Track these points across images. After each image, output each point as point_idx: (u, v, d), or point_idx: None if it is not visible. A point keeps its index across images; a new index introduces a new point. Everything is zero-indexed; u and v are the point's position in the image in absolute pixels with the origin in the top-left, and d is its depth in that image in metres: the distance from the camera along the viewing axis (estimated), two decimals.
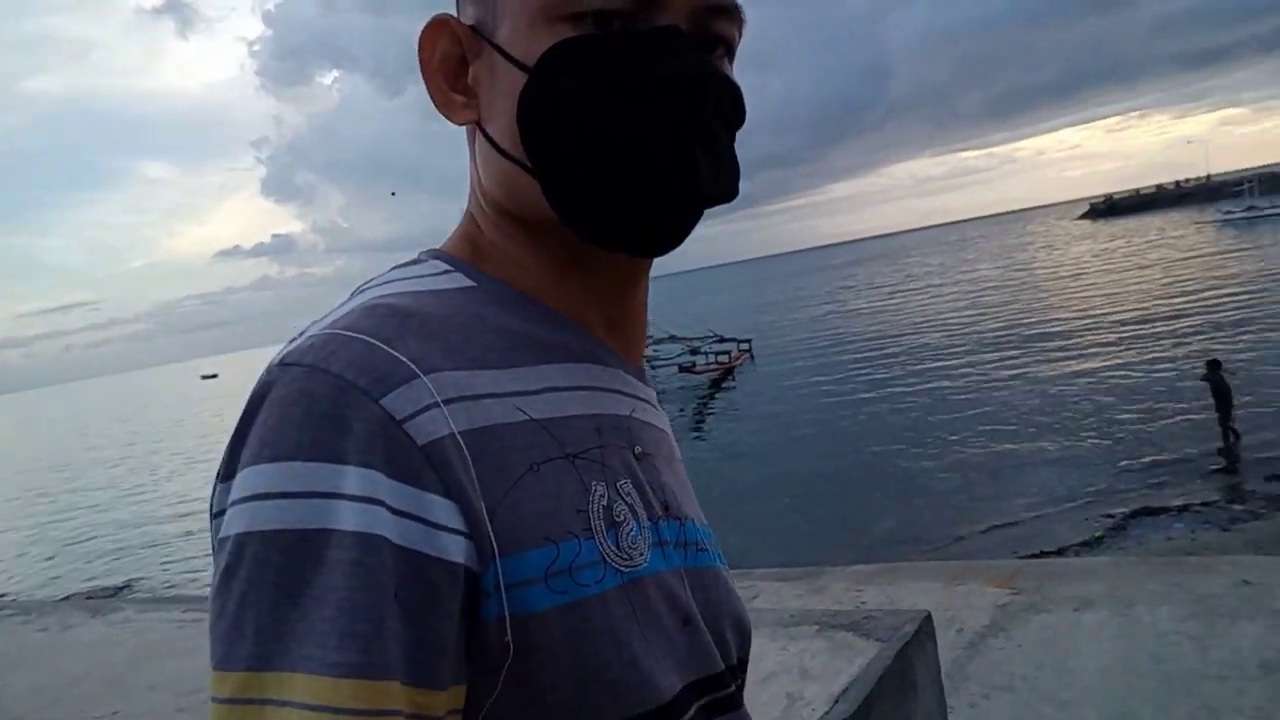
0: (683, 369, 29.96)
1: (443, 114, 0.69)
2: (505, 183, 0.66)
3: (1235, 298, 26.82)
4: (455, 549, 0.53)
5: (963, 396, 19.18)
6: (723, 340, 32.95)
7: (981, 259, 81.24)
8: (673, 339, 33.46)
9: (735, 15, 0.65)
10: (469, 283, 0.66)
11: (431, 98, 0.69)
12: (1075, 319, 27.59)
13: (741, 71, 0.69)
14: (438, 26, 0.67)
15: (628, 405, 0.69)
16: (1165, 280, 34.73)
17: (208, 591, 0.55)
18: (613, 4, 0.60)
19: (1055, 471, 12.57)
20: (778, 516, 12.70)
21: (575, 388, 0.65)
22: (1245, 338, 20.08)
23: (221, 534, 0.53)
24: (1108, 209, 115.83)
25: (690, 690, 0.62)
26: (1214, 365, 12.45)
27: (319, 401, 0.53)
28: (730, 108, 0.65)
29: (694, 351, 32.11)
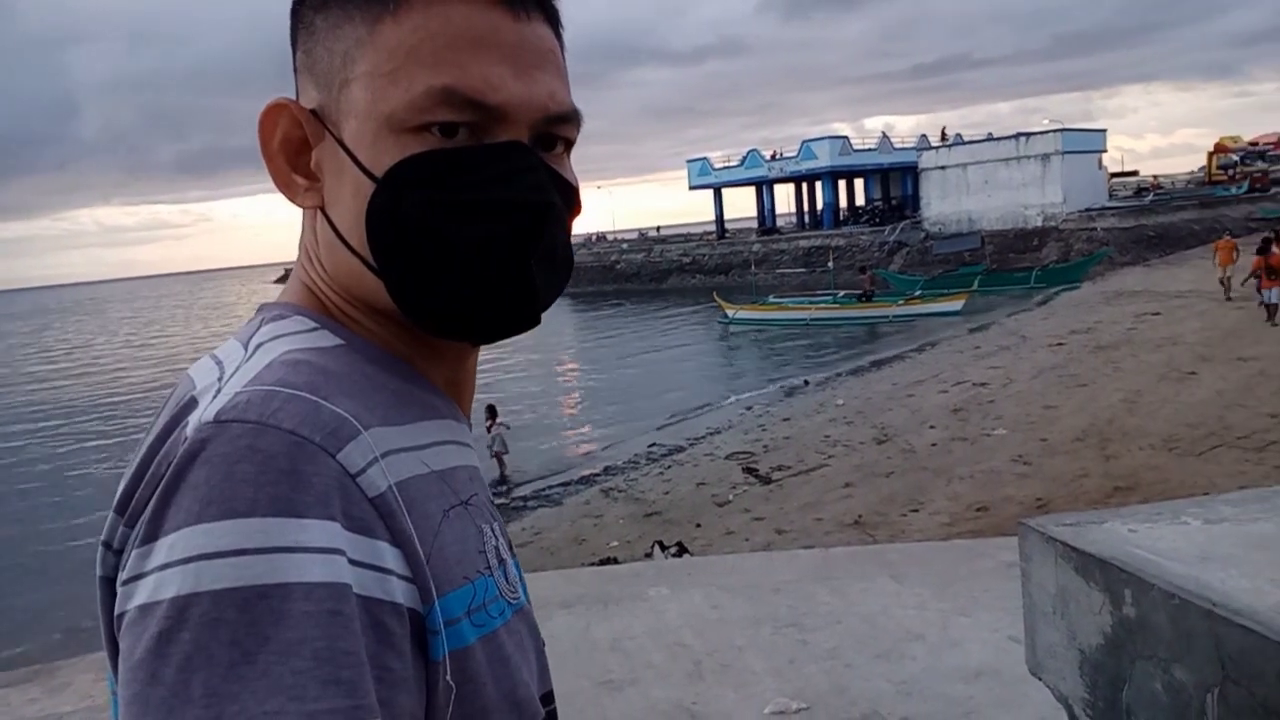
0: None
1: (284, 195, 0.70)
2: (351, 272, 0.68)
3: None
4: (402, 593, 0.56)
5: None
6: None
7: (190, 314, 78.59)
8: None
9: (575, 119, 0.70)
10: (338, 341, 0.67)
11: (273, 179, 0.69)
12: None
13: None
14: (278, 109, 0.68)
15: (473, 457, 0.72)
16: None
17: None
18: (457, 117, 0.63)
19: None
20: None
21: (448, 442, 0.68)
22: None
23: (146, 599, 0.51)
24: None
25: (541, 704, 0.69)
26: (491, 410, 13.74)
27: (274, 457, 0.53)
28: (567, 213, 0.70)
29: None
